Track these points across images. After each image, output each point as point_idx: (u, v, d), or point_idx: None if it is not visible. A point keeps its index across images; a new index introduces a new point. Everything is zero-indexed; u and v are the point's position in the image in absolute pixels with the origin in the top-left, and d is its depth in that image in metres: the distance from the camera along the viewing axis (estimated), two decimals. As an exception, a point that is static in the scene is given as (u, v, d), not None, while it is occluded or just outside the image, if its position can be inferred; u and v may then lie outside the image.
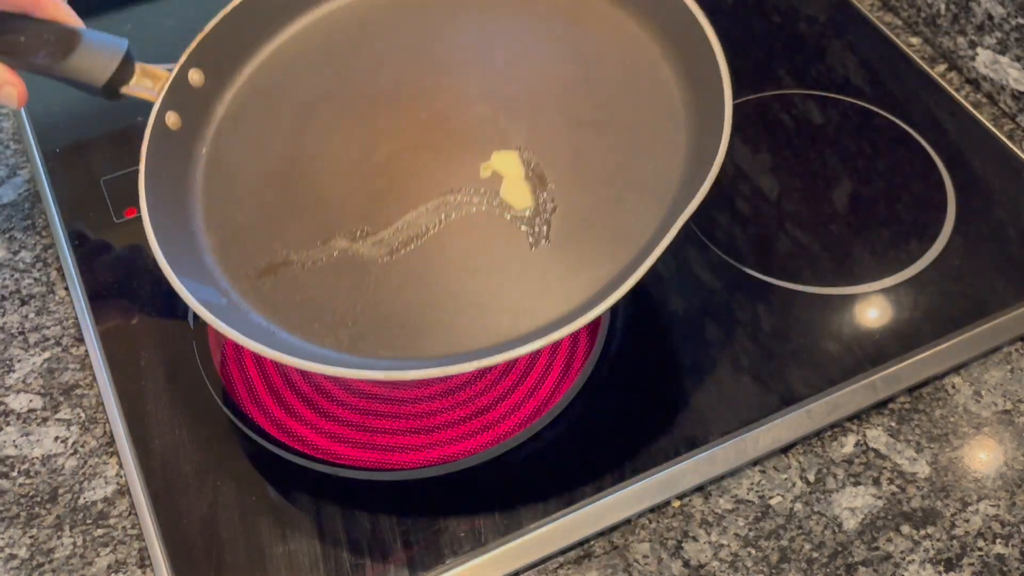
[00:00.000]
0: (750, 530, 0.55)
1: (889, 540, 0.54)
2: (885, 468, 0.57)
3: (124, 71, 0.60)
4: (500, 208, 0.57)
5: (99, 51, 0.59)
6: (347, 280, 0.56)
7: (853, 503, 0.55)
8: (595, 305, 0.49)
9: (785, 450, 0.58)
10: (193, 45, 0.62)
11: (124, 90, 0.60)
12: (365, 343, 0.53)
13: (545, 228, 0.56)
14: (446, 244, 0.56)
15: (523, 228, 0.56)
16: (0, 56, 0.59)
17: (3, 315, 0.65)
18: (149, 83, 0.60)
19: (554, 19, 0.63)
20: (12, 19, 0.60)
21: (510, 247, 0.56)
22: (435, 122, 0.61)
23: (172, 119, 0.60)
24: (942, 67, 0.78)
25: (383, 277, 0.55)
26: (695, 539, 0.54)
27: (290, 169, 0.60)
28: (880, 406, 0.59)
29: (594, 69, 0.61)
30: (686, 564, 0.53)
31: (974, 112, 0.73)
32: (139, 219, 0.60)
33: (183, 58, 0.61)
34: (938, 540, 0.54)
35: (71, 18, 0.60)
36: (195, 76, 0.62)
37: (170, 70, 0.61)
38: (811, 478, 0.56)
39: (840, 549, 0.54)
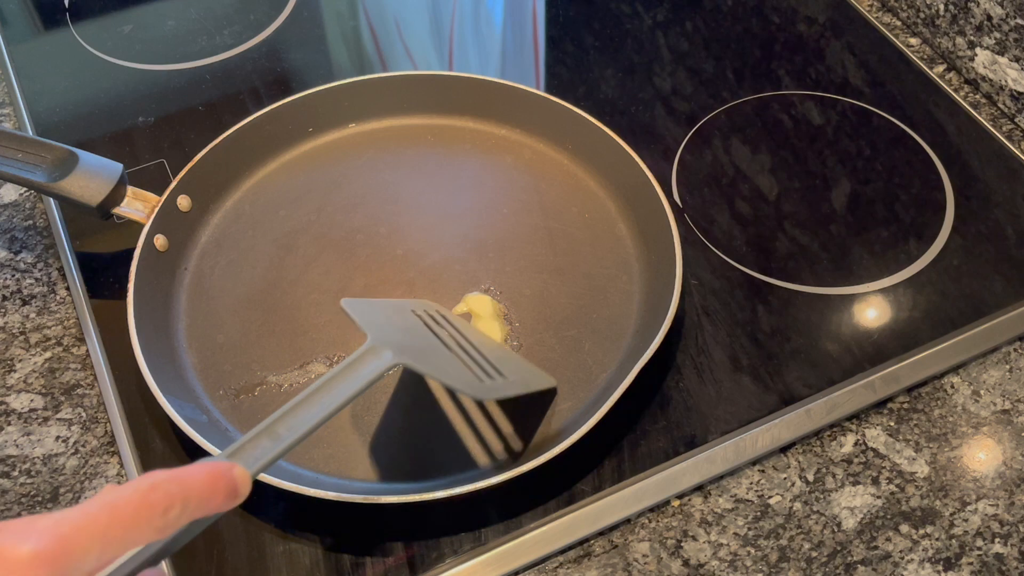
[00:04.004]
0: (749, 529, 0.55)
1: (888, 539, 0.54)
2: (884, 468, 0.57)
3: (117, 194, 0.62)
4: None
5: (94, 174, 0.62)
6: None
7: (852, 502, 0.56)
8: (560, 440, 0.53)
9: (784, 449, 0.58)
10: (182, 173, 0.65)
11: (116, 211, 0.63)
12: (338, 464, 0.56)
13: None
14: (417, 373, 0.58)
15: None
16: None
17: (4, 315, 0.65)
18: (140, 205, 0.63)
19: (519, 171, 0.69)
20: (11, 139, 0.62)
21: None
22: (410, 259, 0.65)
23: (160, 241, 0.63)
24: (941, 67, 0.78)
25: (357, 402, 0.58)
26: (694, 538, 0.54)
27: (269, 294, 0.63)
28: (879, 406, 0.59)
29: (555, 220, 0.67)
30: (685, 563, 0.54)
31: (973, 112, 0.74)
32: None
33: (173, 184, 0.64)
34: (937, 539, 0.54)
35: None
36: (183, 202, 0.65)
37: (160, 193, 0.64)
38: (810, 477, 0.57)
39: (839, 548, 0.54)
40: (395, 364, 0.47)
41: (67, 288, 0.66)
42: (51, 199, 0.69)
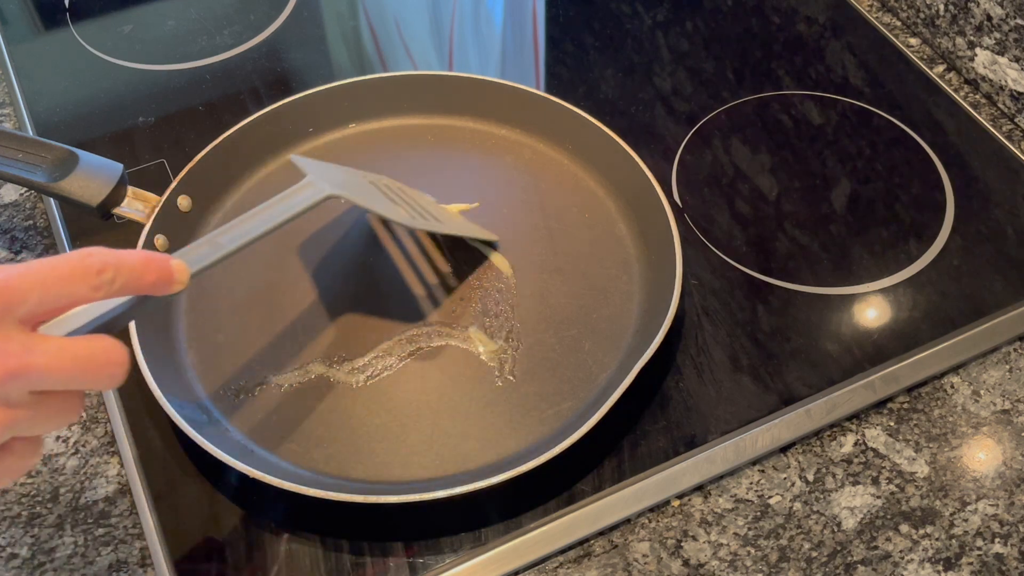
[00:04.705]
0: (749, 529, 0.55)
1: (888, 539, 0.54)
2: (884, 468, 0.57)
3: (117, 194, 0.62)
4: (470, 343, 0.60)
5: (95, 174, 0.61)
6: (322, 403, 0.58)
7: (852, 502, 0.56)
8: (560, 440, 0.53)
9: (784, 449, 0.58)
10: (183, 173, 0.65)
11: (116, 211, 0.63)
12: (339, 464, 0.56)
13: (511, 364, 0.60)
14: (418, 373, 0.60)
15: (491, 363, 0.60)
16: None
17: (4, 315, 0.65)
18: (140, 206, 0.63)
19: (519, 171, 0.70)
20: (11, 139, 0.62)
21: (478, 379, 0.59)
22: (410, 258, 0.65)
23: (160, 241, 0.63)
24: (941, 68, 0.78)
25: (357, 402, 0.58)
26: (694, 538, 0.54)
27: (269, 295, 0.63)
28: (879, 406, 0.59)
29: (555, 220, 0.67)
30: (685, 563, 0.54)
31: (973, 112, 0.74)
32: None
33: (173, 184, 0.64)
34: (937, 539, 0.54)
35: None
36: (183, 202, 0.65)
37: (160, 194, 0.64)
38: (810, 477, 0.57)
39: (839, 548, 0.54)
40: (330, 195, 0.53)
41: (67, 288, 0.66)
42: (51, 199, 0.69)
